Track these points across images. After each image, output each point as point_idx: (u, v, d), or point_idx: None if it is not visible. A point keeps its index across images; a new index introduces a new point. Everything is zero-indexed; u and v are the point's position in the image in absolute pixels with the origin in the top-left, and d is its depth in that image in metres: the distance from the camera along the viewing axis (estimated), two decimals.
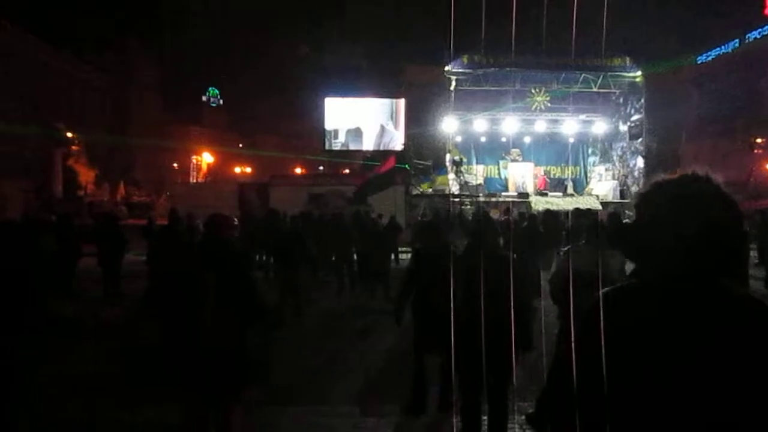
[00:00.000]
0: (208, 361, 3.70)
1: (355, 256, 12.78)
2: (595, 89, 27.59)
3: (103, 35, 48.98)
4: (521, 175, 28.02)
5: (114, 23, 50.44)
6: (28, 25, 39.92)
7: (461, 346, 4.19)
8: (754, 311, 1.42)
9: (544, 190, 27.13)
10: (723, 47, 44.50)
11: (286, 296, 8.80)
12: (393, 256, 14.74)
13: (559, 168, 29.56)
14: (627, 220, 19.28)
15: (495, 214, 18.28)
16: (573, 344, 1.54)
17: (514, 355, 4.37)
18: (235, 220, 4.12)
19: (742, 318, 1.40)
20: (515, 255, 4.73)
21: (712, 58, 44.95)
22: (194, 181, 56.61)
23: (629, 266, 1.61)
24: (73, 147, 38.28)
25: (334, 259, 13.12)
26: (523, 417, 5.34)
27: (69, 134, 37.00)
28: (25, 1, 39.51)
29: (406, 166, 25.19)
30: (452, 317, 4.29)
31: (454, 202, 24.13)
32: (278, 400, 5.69)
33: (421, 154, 26.16)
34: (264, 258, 14.03)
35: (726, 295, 1.43)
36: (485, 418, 4.49)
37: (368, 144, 29.43)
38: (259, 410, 4.76)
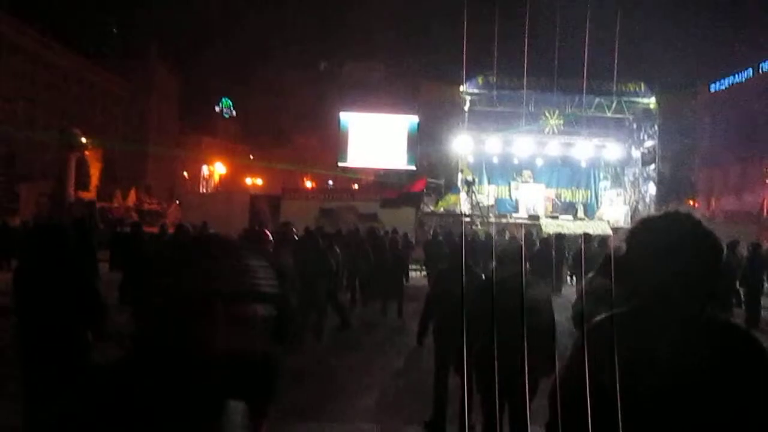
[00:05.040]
0: (241, 374, 3.75)
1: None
2: (608, 114, 27.66)
3: (125, 44, 49.72)
4: (532, 197, 28.05)
5: (136, 33, 51.21)
6: (53, 32, 40.58)
7: (486, 368, 4.22)
8: (731, 336, 1.57)
9: (554, 213, 27.13)
10: (737, 76, 44.60)
11: (308, 313, 8.77)
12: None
13: (570, 191, 29.59)
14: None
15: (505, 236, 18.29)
16: (571, 368, 1.67)
17: (536, 380, 4.41)
18: (270, 235, 4.18)
19: (719, 342, 1.53)
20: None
21: (726, 87, 45.03)
22: (204, 191, 56.86)
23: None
24: (87, 152, 38.56)
25: (347, 275, 13.16)
26: None
27: (83, 139, 37.29)
28: (51, 9, 40.14)
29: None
30: (475, 340, 4.34)
31: (464, 221, 24.19)
32: (297, 415, 5.72)
33: (434, 173, 26.29)
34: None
35: (704, 321, 1.57)
36: None
37: (381, 161, 29.56)
38: (278, 425, 4.78)
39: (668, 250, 1.56)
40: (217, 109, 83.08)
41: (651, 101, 26.62)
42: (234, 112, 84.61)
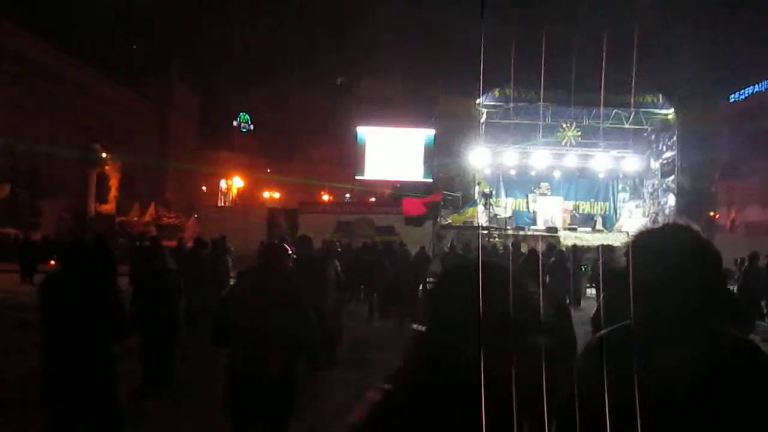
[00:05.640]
0: (259, 391, 3.78)
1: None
2: (626, 125, 27.50)
3: (145, 62, 50.55)
4: (550, 210, 27.92)
5: (156, 50, 52.12)
6: (76, 50, 41.39)
7: (503, 386, 4.21)
8: (739, 350, 1.54)
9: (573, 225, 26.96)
10: (756, 86, 44.17)
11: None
12: (421, 287, 14.75)
13: (588, 203, 29.38)
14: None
15: (524, 248, 18.20)
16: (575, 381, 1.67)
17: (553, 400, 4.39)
18: (289, 249, 4.20)
19: (726, 357, 1.49)
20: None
21: (745, 97, 44.61)
22: (223, 204, 57.32)
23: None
24: (107, 167, 39.14)
25: (363, 287, 13.18)
26: None
27: (104, 155, 37.81)
28: (73, 28, 40.97)
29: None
30: (489, 357, 4.32)
31: (482, 234, 24.11)
32: None
33: (451, 186, 26.27)
34: None
35: (709, 334, 1.53)
36: None
37: (398, 174, 29.62)
38: None
39: (665, 263, 1.55)
40: (235, 123, 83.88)
41: (669, 112, 26.44)
42: (252, 127, 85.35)
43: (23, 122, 36.73)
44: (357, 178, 30.73)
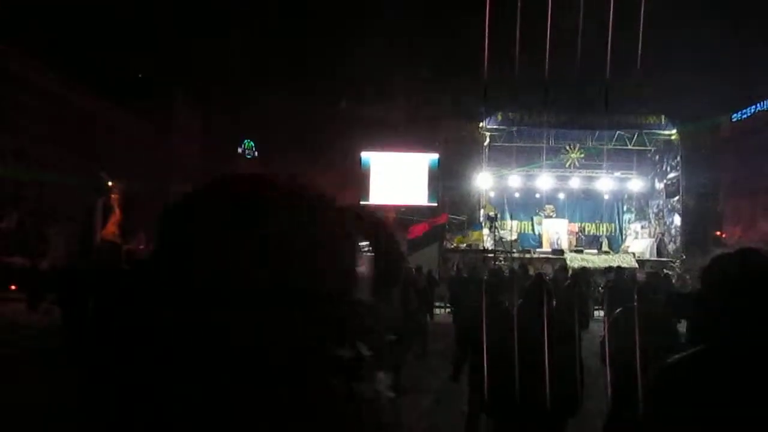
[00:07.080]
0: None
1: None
2: (630, 147, 27.58)
3: (149, 88, 50.97)
4: (555, 232, 27.91)
5: (159, 76, 52.55)
6: (79, 76, 41.78)
7: (519, 408, 4.20)
8: None
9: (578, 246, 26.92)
10: (759, 105, 44.17)
11: None
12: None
13: (593, 225, 29.35)
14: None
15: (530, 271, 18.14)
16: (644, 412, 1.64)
17: (563, 419, 4.37)
18: None
19: None
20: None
21: (748, 116, 44.58)
22: None
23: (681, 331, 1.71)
24: (113, 195, 39.21)
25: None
26: None
27: (110, 183, 37.92)
28: (76, 53, 41.42)
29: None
30: (508, 378, 4.30)
31: (488, 257, 24.05)
32: None
33: (456, 209, 26.31)
34: None
35: None
36: None
37: (403, 199, 29.64)
38: None
39: (746, 287, 1.56)
40: (239, 150, 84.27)
41: (672, 133, 26.51)
42: (256, 153, 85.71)
43: (28, 148, 37.00)
44: (362, 203, 30.73)
